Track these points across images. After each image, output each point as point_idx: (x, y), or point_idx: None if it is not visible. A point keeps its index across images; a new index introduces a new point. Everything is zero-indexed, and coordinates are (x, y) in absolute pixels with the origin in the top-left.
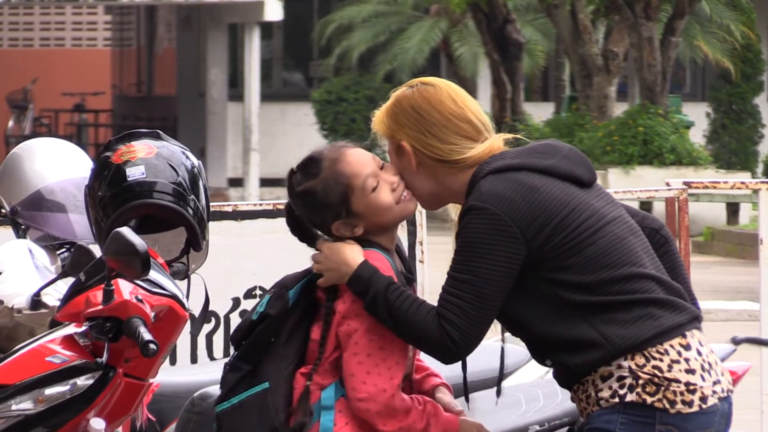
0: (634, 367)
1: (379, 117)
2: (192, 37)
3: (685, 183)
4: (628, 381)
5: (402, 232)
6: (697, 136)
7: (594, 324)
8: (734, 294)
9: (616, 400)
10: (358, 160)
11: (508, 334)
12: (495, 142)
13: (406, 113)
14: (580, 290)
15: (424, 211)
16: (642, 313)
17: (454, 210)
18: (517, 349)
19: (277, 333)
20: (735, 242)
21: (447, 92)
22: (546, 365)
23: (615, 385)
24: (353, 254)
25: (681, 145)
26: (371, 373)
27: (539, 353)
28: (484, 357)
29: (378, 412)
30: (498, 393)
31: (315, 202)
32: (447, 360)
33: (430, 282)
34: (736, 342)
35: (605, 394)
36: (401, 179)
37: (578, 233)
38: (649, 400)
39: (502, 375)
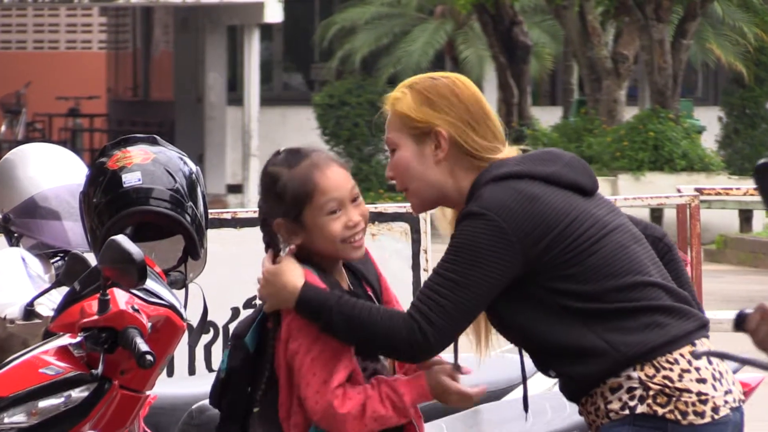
0: (644, 377)
1: (406, 102)
2: (190, 39)
3: (696, 189)
4: (639, 392)
5: (406, 240)
6: (709, 142)
7: (599, 332)
8: (747, 303)
9: (627, 412)
10: (336, 179)
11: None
12: (512, 151)
13: (448, 100)
14: (583, 299)
15: (428, 219)
16: (648, 321)
17: (442, 220)
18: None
19: (255, 382)
20: (748, 250)
21: (477, 90)
22: (550, 376)
23: (625, 397)
24: (294, 277)
25: (693, 150)
26: (319, 391)
27: (543, 364)
28: (490, 369)
29: (337, 427)
30: (525, 408)
31: (272, 188)
32: (414, 358)
33: None
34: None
35: (615, 406)
36: (364, 224)
37: (580, 243)
38: (660, 411)
39: (526, 391)
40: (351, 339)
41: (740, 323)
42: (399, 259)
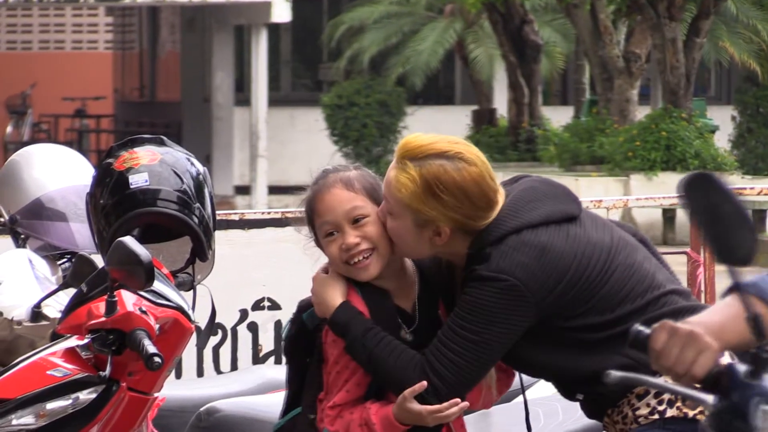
0: (670, 380)
1: (413, 191)
2: (196, 39)
3: None
4: (667, 396)
5: None
6: (722, 141)
7: (624, 352)
8: None
9: (656, 416)
10: (329, 202)
11: None
12: (501, 200)
13: (455, 198)
14: (603, 328)
15: None
16: None
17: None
18: None
19: (311, 353)
20: (762, 251)
21: (486, 168)
22: (577, 400)
23: (653, 402)
24: (334, 295)
25: (705, 150)
26: (335, 404)
27: (569, 391)
28: None
29: None
30: (528, 427)
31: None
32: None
33: None
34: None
35: (644, 411)
36: (367, 246)
37: (591, 279)
38: (690, 413)
39: (526, 406)
40: (368, 369)
41: (639, 342)
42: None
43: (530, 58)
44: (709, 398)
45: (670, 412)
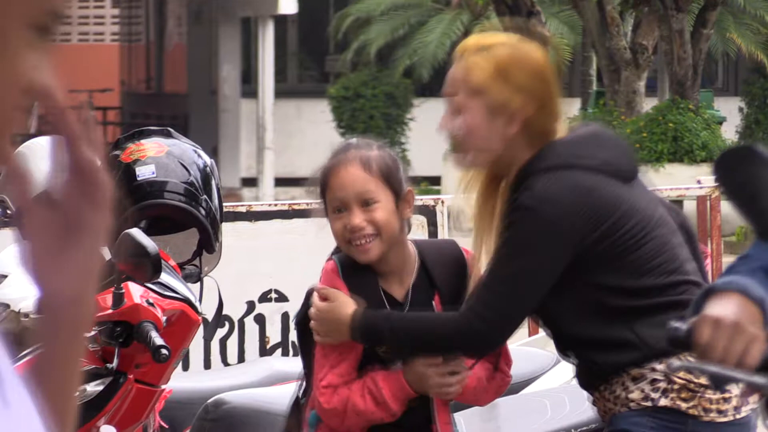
0: (668, 371)
1: (484, 72)
2: (203, 31)
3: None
4: (662, 385)
5: (423, 233)
6: (729, 132)
7: (630, 326)
8: None
9: (648, 403)
10: (344, 179)
11: (533, 339)
12: (564, 126)
13: (527, 79)
14: (622, 295)
15: (445, 212)
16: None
17: (466, 210)
18: (542, 353)
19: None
20: None
21: (553, 69)
22: (567, 357)
23: (647, 388)
24: (342, 311)
25: (713, 141)
26: (316, 385)
27: (565, 347)
28: (514, 363)
29: (324, 419)
30: None
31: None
32: (477, 354)
33: None
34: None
35: (636, 396)
36: (371, 230)
37: (627, 238)
38: (683, 406)
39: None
40: (416, 351)
41: (682, 340)
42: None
43: None
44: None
45: (664, 402)
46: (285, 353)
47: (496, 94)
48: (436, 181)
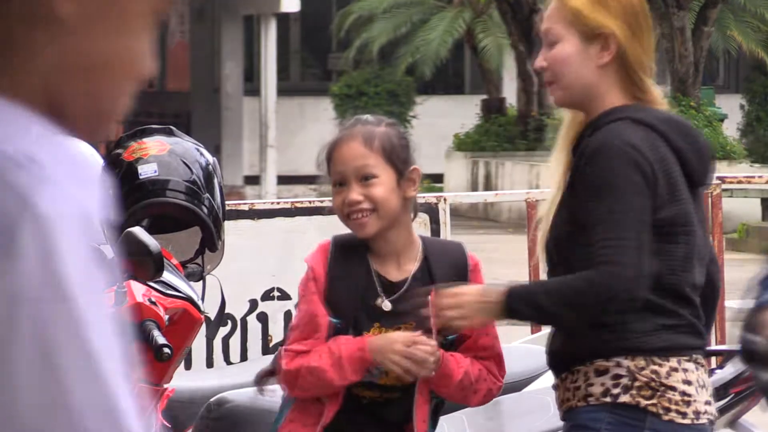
0: (633, 367)
1: None
2: (206, 29)
3: (718, 178)
4: (624, 381)
5: (425, 230)
6: (730, 129)
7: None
8: None
9: (608, 399)
10: (344, 154)
11: (535, 337)
12: (658, 98)
13: (621, 5)
14: None
15: (448, 209)
16: (668, 323)
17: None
18: (544, 351)
19: None
20: (764, 238)
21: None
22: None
23: (609, 383)
24: (483, 288)
25: (714, 138)
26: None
27: None
28: (510, 361)
29: (282, 382)
30: None
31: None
32: (632, 299)
33: None
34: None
35: (596, 390)
36: (369, 206)
37: (668, 193)
38: (643, 403)
39: None
40: (568, 318)
41: (759, 353)
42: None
43: (539, 48)
44: None
45: (624, 398)
46: None
47: (590, 19)
48: (438, 178)
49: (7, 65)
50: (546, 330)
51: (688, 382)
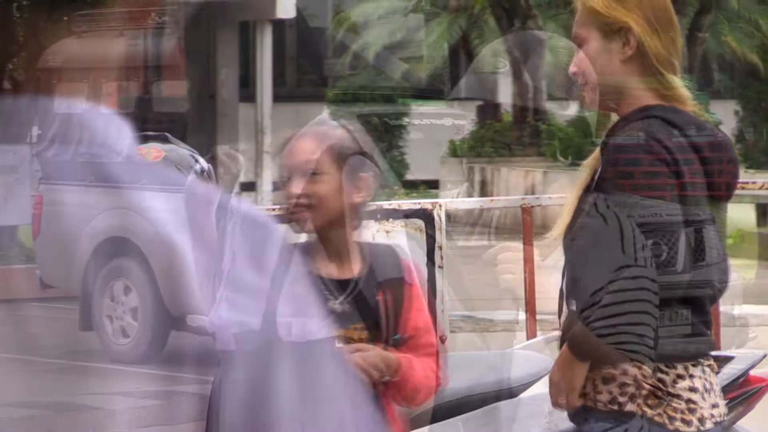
0: (639, 376)
1: None
2: (201, 35)
3: None
4: (630, 389)
5: (421, 237)
6: None
7: None
8: (766, 298)
9: (615, 407)
10: (294, 150)
11: (532, 342)
12: (687, 98)
13: (639, 0)
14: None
15: (443, 216)
16: (674, 332)
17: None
18: (540, 357)
19: None
20: (765, 245)
21: None
22: (569, 306)
23: (615, 391)
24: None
25: None
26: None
27: (569, 295)
28: (509, 367)
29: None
30: None
31: None
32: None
33: (450, 288)
34: None
35: (604, 398)
36: (306, 201)
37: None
38: (649, 413)
39: None
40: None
41: None
42: (414, 256)
43: (534, 53)
44: None
45: (630, 407)
46: None
47: (607, 15)
48: (433, 184)
49: None
50: (542, 335)
51: (693, 390)
